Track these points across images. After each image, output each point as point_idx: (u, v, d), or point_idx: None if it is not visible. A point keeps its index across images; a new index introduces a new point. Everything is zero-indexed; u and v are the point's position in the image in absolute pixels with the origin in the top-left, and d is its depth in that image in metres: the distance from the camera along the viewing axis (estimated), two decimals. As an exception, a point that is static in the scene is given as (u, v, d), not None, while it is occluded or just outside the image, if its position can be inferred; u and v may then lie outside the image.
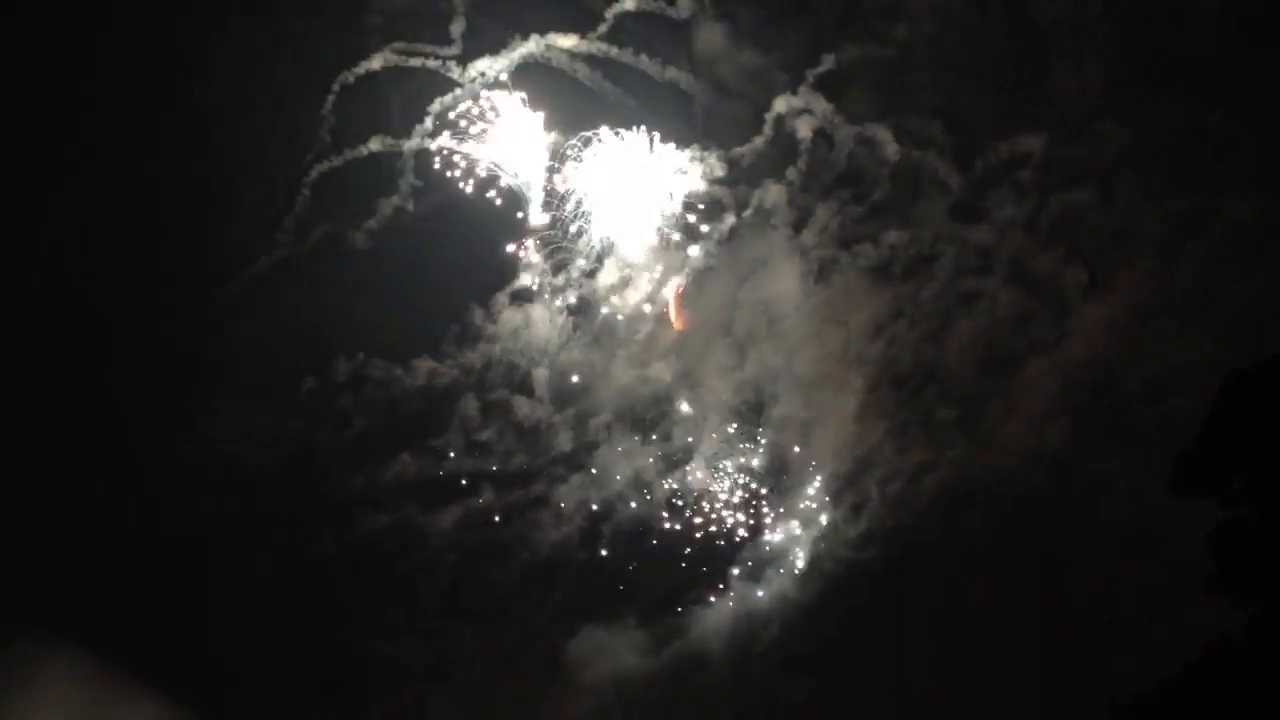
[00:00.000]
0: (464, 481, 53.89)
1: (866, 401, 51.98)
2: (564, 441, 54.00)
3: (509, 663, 53.73)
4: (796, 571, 52.77)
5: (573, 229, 53.71)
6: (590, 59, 52.65)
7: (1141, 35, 49.97)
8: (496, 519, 53.72)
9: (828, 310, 52.50)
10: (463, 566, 53.76)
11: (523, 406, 54.00)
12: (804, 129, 52.78)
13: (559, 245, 53.72)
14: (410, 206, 53.75)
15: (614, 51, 52.65)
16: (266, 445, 53.58)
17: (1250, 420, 29.95)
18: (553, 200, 53.61)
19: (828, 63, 52.43)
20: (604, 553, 53.67)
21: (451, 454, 53.87)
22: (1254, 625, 30.28)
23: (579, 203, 53.60)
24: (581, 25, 52.37)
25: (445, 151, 53.35)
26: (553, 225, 53.70)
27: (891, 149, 52.27)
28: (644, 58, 52.81)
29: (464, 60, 52.66)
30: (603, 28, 52.42)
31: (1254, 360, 30.11)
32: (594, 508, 53.63)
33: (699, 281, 53.73)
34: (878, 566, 51.18)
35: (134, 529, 51.79)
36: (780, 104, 52.75)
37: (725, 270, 53.40)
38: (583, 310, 54.03)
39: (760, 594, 52.78)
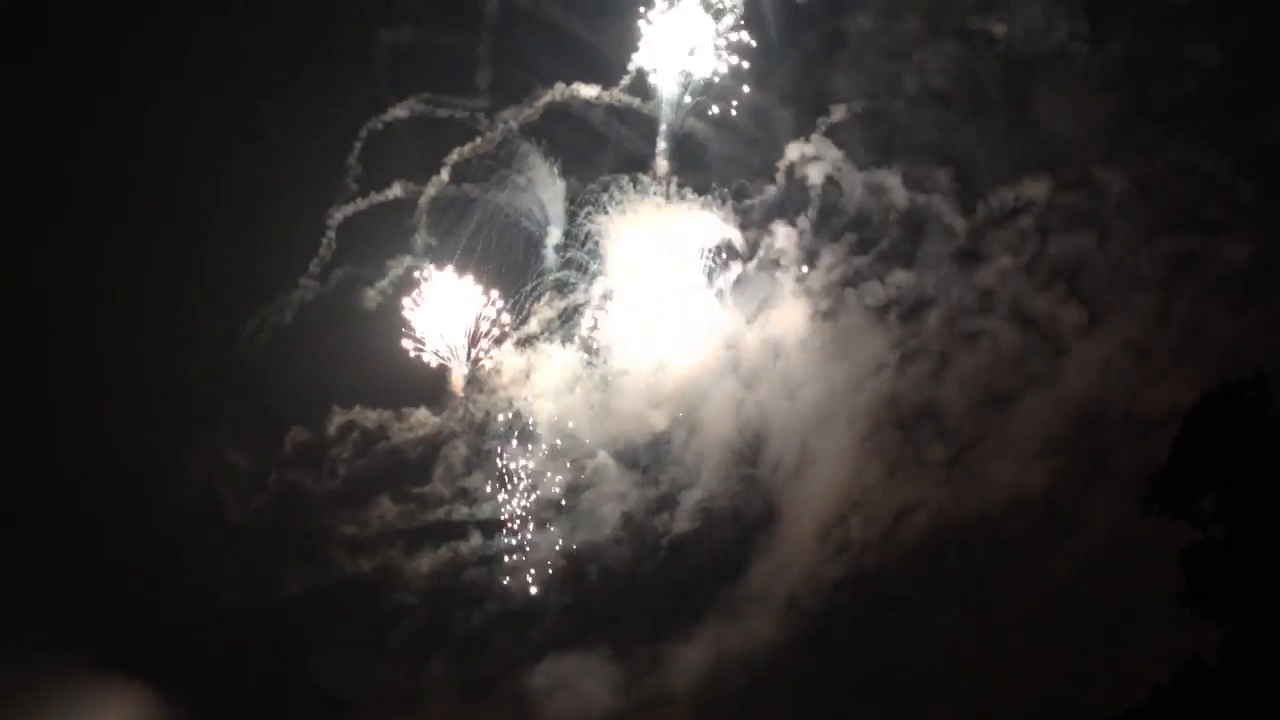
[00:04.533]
0: (450, 525, 55.76)
1: (861, 440, 53.37)
2: (556, 485, 55.74)
3: (480, 694, 55.27)
4: (776, 610, 53.84)
5: (587, 273, 55.63)
6: (609, 108, 54.82)
7: (1139, 84, 51.49)
8: (482, 559, 55.51)
9: (832, 349, 53.92)
10: (442, 603, 55.49)
11: (516, 454, 55.74)
12: (815, 175, 54.79)
13: (573, 289, 55.34)
14: (427, 253, 55.72)
15: (635, 102, 54.72)
16: (257, 485, 55.56)
17: (1219, 442, 30.91)
18: (568, 244, 55.70)
19: (838, 112, 54.50)
20: (587, 591, 55.44)
21: (441, 499, 55.72)
22: (1225, 645, 31.01)
23: (595, 247, 55.50)
24: (601, 75, 54.62)
25: (465, 197, 55.47)
26: (567, 268, 55.45)
27: (900, 194, 53.79)
28: (662, 107, 54.72)
29: (489, 110, 54.85)
30: (625, 80, 54.49)
31: (1223, 382, 31.04)
32: (580, 549, 55.33)
33: (708, 322, 55.33)
34: (857, 605, 52.50)
35: (124, 563, 53.27)
36: (793, 151, 54.83)
37: (735, 310, 54.97)
38: (590, 353, 55.84)
39: (738, 632, 53.97)
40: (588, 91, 54.34)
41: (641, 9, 53.70)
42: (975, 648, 49.46)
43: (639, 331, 55.40)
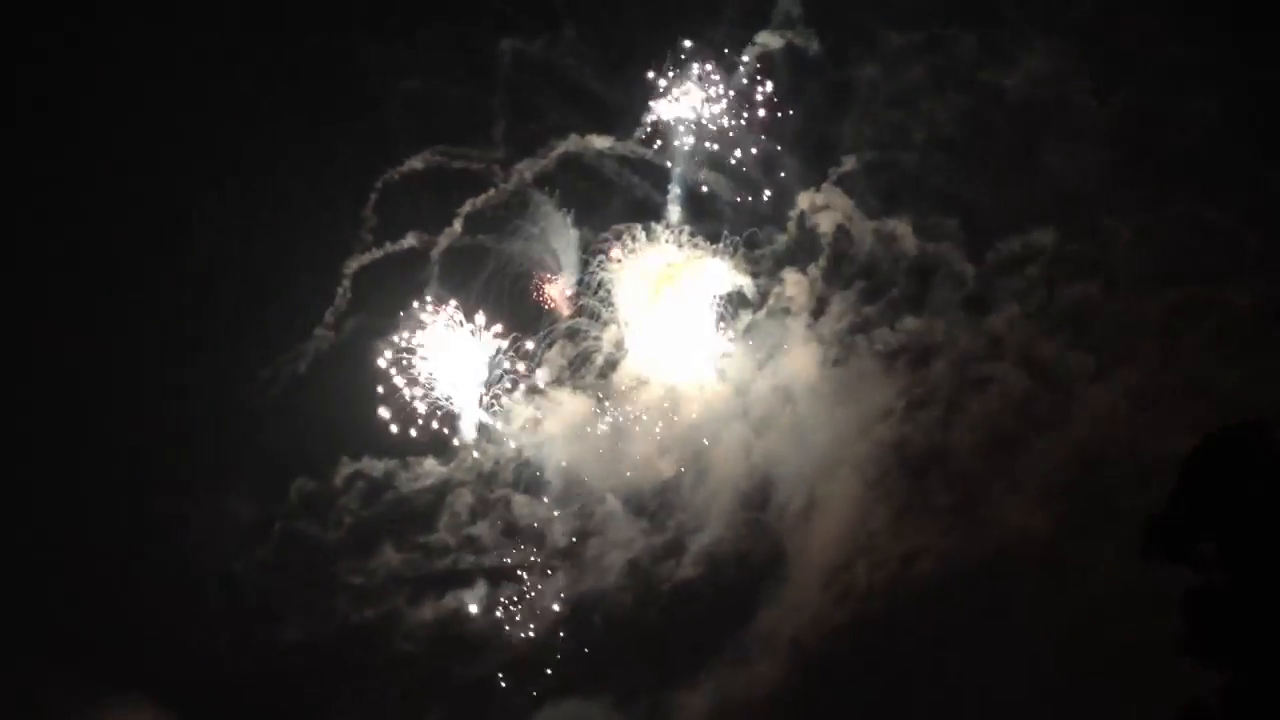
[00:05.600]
0: (456, 574, 56.16)
1: (869, 485, 53.91)
2: (563, 533, 56.36)
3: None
4: (781, 655, 53.96)
5: (599, 320, 56.66)
6: (622, 158, 56.04)
7: (1144, 136, 52.39)
8: (486, 606, 55.92)
9: (841, 395, 54.56)
10: (445, 650, 55.76)
11: (523, 503, 56.39)
12: (826, 224, 55.79)
13: (584, 336, 56.21)
14: (440, 302, 56.49)
15: (648, 153, 56.01)
16: (261, 534, 55.93)
17: (1220, 485, 31.37)
18: (581, 292, 56.72)
19: (849, 162, 55.70)
20: (591, 638, 55.88)
21: (447, 548, 56.11)
22: (1227, 690, 31.34)
23: (607, 294, 56.52)
24: (614, 126, 55.85)
25: (479, 246, 56.41)
26: (579, 315, 56.46)
27: (909, 242, 54.67)
28: (675, 157, 56.07)
29: (504, 162, 55.87)
30: (638, 131, 55.76)
31: (1223, 426, 31.53)
32: (585, 595, 55.81)
33: (719, 369, 56.24)
34: (862, 649, 52.58)
35: (122, 609, 53.85)
36: (803, 200, 55.93)
37: (746, 357, 55.77)
38: (601, 400, 56.62)
39: (743, 678, 53.98)
40: (601, 142, 55.49)
41: (654, 60, 55.19)
42: (978, 691, 49.66)
43: (650, 378, 56.23)
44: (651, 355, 56.42)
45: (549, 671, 55.23)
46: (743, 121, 55.51)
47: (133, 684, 52.30)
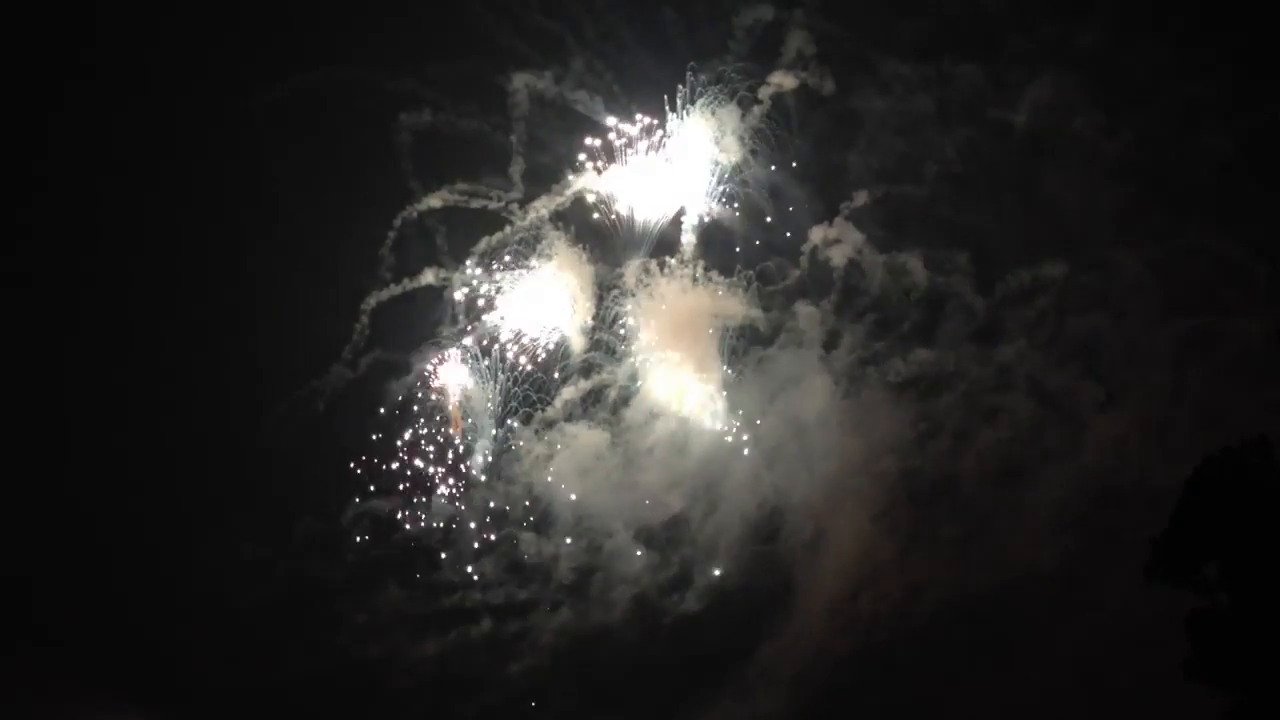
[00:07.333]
0: (462, 611, 56.51)
1: (878, 517, 54.32)
2: (571, 568, 56.56)
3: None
4: (786, 687, 54.18)
5: (614, 354, 57.21)
6: (638, 193, 56.53)
7: (1154, 169, 52.83)
8: (492, 643, 56.30)
9: (852, 427, 54.94)
10: (449, 687, 56.10)
11: (531, 540, 56.81)
12: (838, 258, 56.25)
13: (599, 370, 56.71)
14: (456, 339, 57.24)
15: (662, 187, 56.45)
16: (266, 573, 56.08)
17: (1221, 507, 31.46)
18: (596, 327, 57.24)
19: (861, 197, 56.16)
20: (596, 673, 56.16)
21: (454, 585, 56.57)
22: (1235, 712, 31.31)
23: (622, 329, 57.06)
24: (629, 160, 56.11)
25: (494, 284, 57.06)
26: (594, 350, 56.96)
27: (920, 276, 55.15)
28: (690, 193, 56.57)
29: (521, 200, 56.46)
30: (651, 166, 56.22)
31: (1224, 447, 31.65)
32: (592, 629, 56.05)
33: (731, 402, 56.60)
34: (867, 681, 52.77)
35: (124, 642, 54.31)
36: (816, 234, 56.48)
37: (758, 390, 56.22)
38: (614, 434, 56.96)
39: (747, 711, 54.23)
40: (616, 178, 56.15)
41: (666, 95, 55.88)
42: (988, 721, 49.84)
43: (663, 411, 56.58)
44: (665, 389, 56.85)
45: (553, 706, 55.63)
46: (755, 156, 56.28)
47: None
